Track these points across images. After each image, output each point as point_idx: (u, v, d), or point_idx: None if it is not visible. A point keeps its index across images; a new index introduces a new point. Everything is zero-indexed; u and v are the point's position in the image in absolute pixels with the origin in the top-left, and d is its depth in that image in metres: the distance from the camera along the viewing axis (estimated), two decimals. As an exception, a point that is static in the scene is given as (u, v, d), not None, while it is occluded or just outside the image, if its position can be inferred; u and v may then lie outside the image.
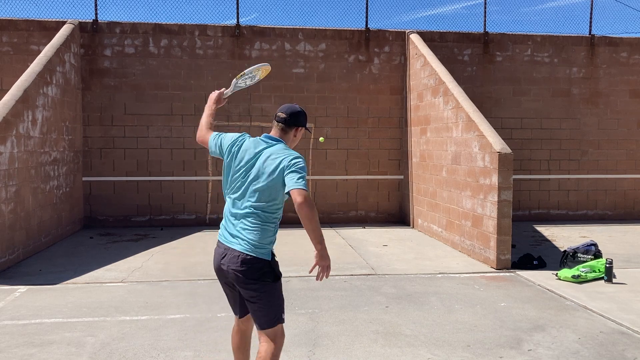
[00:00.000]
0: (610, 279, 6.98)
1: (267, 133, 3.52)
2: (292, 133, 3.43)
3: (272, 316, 3.26)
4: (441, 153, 9.86)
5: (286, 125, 3.40)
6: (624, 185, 12.80)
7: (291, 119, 3.39)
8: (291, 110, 3.41)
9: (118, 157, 11.37)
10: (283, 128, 3.40)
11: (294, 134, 3.45)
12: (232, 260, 3.23)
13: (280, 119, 3.39)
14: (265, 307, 3.24)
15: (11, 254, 7.77)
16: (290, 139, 3.45)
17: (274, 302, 3.26)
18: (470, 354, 4.66)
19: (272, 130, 3.47)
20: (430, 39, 11.97)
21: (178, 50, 11.47)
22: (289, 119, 3.38)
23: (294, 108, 3.43)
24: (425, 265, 8.02)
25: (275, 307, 3.27)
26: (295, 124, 3.42)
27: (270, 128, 3.60)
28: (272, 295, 3.25)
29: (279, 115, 3.41)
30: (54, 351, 4.69)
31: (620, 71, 12.69)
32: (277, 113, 3.44)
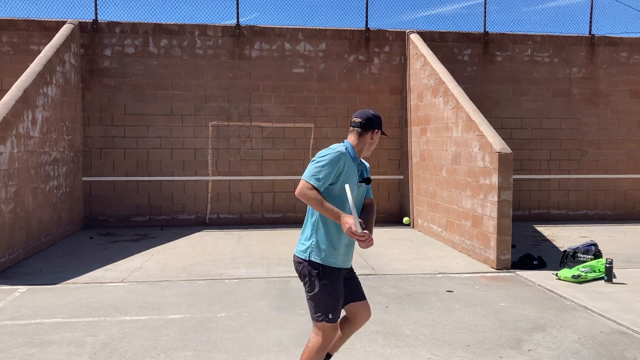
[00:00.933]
0: (610, 279, 6.98)
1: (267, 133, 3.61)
2: (368, 137, 3.51)
3: (313, 312, 3.44)
4: (441, 153, 9.85)
5: (362, 129, 3.49)
6: (624, 185, 12.80)
7: (367, 123, 3.49)
8: (365, 114, 3.52)
9: (118, 157, 11.37)
10: (360, 132, 3.50)
11: (371, 137, 3.52)
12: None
13: (355, 123, 3.51)
14: (309, 301, 3.46)
15: (11, 254, 7.77)
16: (367, 142, 3.53)
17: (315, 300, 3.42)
18: (470, 354, 4.66)
19: (349, 136, 3.55)
20: (430, 38, 11.97)
21: (178, 50, 11.46)
22: (365, 122, 3.49)
23: (368, 112, 3.55)
24: (425, 265, 8.02)
25: (315, 305, 3.43)
26: (371, 127, 3.51)
27: (269, 128, 3.68)
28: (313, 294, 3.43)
29: (354, 121, 3.53)
30: (53, 351, 4.69)
31: (620, 71, 12.69)
32: (352, 119, 3.55)
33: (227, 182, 11.69)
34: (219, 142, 11.63)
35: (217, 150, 11.63)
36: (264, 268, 7.75)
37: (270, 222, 11.75)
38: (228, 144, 11.64)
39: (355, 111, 11.81)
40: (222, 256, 8.53)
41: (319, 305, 3.40)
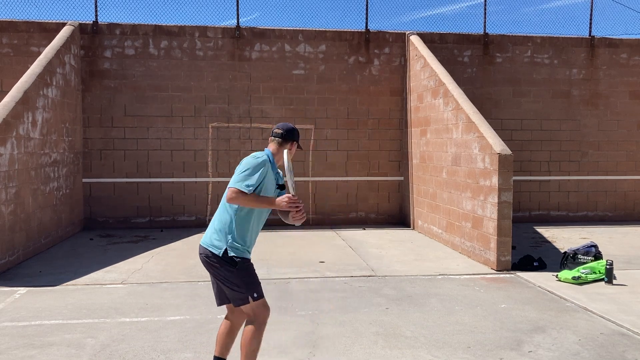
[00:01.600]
0: (610, 280, 6.98)
1: (267, 134, 3.75)
2: (287, 147, 3.83)
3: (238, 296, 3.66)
4: (441, 154, 9.85)
5: (283, 140, 3.83)
6: (624, 187, 12.80)
7: (287, 134, 3.83)
8: (286, 127, 3.87)
9: (118, 158, 11.37)
10: (280, 142, 3.83)
11: (289, 147, 3.85)
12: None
13: (276, 134, 3.84)
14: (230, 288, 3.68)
15: (11, 255, 7.76)
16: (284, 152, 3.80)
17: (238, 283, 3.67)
18: (470, 355, 4.66)
19: (269, 144, 3.87)
20: (430, 40, 11.97)
21: (178, 51, 11.47)
22: (285, 134, 3.83)
23: (289, 125, 3.89)
24: (425, 266, 8.01)
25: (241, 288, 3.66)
26: (291, 139, 3.86)
27: (269, 129, 3.82)
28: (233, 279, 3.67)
29: (275, 132, 3.86)
30: (53, 353, 4.68)
31: (620, 72, 12.69)
32: (274, 129, 3.87)
33: (227, 184, 11.64)
34: (219, 144, 11.63)
35: (217, 151, 11.63)
36: (263, 269, 7.74)
37: (269, 223, 11.63)
38: (228, 146, 11.64)
39: (355, 112, 11.93)
40: (222, 258, 8.51)
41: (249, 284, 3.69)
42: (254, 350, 3.65)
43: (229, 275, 3.65)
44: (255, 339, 3.64)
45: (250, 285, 3.66)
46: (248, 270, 3.70)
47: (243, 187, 3.55)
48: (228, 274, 3.66)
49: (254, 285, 3.68)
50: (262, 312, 3.67)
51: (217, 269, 3.70)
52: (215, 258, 3.70)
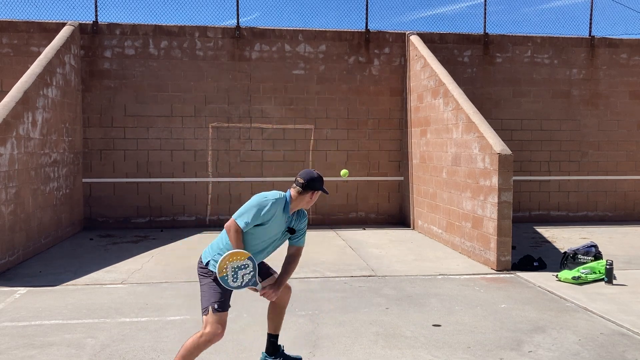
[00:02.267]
0: (610, 280, 6.98)
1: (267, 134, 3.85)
2: (307, 195, 3.91)
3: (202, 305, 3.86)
4: (441, 154, 9.86)
5: (302, 189, 3.88)
6: (624, 187, 12.80)
7: (308, 185, 3.88)
8: (309, 176, 3.90)
9: (118, 158, 11.37)
10: (300, 191, 3.89)
11: (310, 196, 3.92)
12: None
13: (298, 183, 3.89)
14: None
15: (11, 255, 7.76)
16: (306, 200, 3.92)
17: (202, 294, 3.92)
18: (470, 355, 4.66)
19: (291, 189, 3.94)
20: (430, 40, 11.97)
21: (178, 51, 11.47)
22: (306, 184, 3.87)
23: (312, 174, 3.92)
24: (425, 266, 8.01)
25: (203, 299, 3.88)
26: (311, 189, 3.90)
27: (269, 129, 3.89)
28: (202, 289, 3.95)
29: (297, 180, 3.91)
30: (53, 353, 4.68)
31: (620, 72, 12.69)
32: (296, 178, 3.92)
33: (227, 184, 11.69)
34: (219, 144, 11.63)
35: (217, 151, 11.63)
36: (264, 269, 7.74)
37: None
38: (228, 146, 11.64)
39: (355, 112, 11.93)
40: (222, 258, 8.51)
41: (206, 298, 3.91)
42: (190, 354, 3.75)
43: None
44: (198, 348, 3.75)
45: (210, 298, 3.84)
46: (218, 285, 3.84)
47: (242, 223, 3.73)
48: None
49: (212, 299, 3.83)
50: (214, 327, 3.74)
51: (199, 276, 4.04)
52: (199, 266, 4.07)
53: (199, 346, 3.70)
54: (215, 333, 3.70)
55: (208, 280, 3.90)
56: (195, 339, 3.71)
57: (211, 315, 3.73)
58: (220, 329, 3.72)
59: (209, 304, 3.77)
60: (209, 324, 3.71)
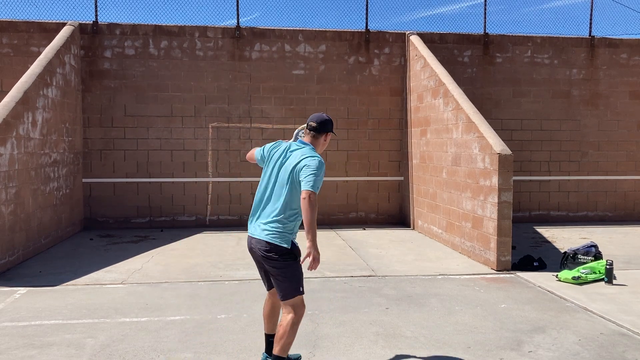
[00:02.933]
0: (610, 280, 6.98)
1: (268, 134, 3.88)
2: (322, 138, 4.06)
3: (291, 289, 3.89)
4: (441, 154, 9.86)
5: (317, 132, 4.02)
6: (624, 187, 12.80)
7: (320, 127, 4.02)
8: (320, 119, 4.04)
9: (118, 158, 11.37)
10: (314, 135, 4.03)
11: (324, 139, 4.07)
12: (259, 242, 3.93)
13: (311, 127, 4.02)
14: (286, 281, 3.88)
15: (11, 255, 7.76)
16: (321, 144, 4.07)
17: (293, 277, 3.90)
18: (470, 355, 4.66)
19: (305, 137, 4.09)
20: (430, 40, 11.97)
21: (178, 51, 11.47)
22: (319, 127, 4.01)
23: (322, 117, 4.06)
24: (425, 266, 8.01)
25: (294, 282, 3.90)
26: (325, 131, 4.05)
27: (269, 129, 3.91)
28: (291, 272, 3.90)
29: (310, 125, 4.03)
30: (53, 353, 4.68)
31: (620, 72, 12.69)
32: (308, 122, 4.05)
33: (227, 184, 11.69)
34: (219, 144, 11.63)
35: (217, 151, 11.63)
36: (264, 269, 7.74)
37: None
38: (228, 146, 11.64)
39: (355, 112, 11.93)
40: (222, 258, 8.52)
41: (300, 279, 3.94)
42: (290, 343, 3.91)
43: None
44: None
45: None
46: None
47: (317, 190, 3.76)
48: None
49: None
50: (302, 308, 3.94)
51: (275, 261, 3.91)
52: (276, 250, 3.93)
53: (295, 328, 3.88)
54: (303, 312, 3.94)
55: (289, 262, 3.90)
56: (289, 324, 3.84)
57: (299, 297, 3.90)
58: (304, 307, 3.96)
59: (299, 287, 3.90)
60: (297, 306, 3.88)
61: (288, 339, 3.85)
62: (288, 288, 3.87)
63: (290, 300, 3.87)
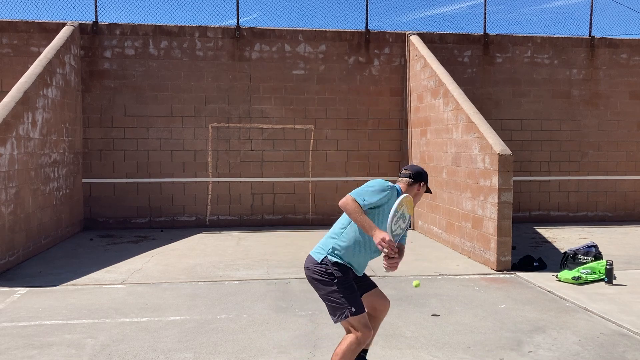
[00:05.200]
0: (610, 280, 6.97)
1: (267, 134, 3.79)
2: (415, 188, 3.89)
3: (334, 312, 3.67)
4: (441, 154, 9.86)
5: (413, 180, 3.88)
6: (624, 187, 12.80)
7: (416, 176, 3.89)
8: (416, 170, 3.93)
9: (118, 158, 11.37)
10: (410, 183, 3.88)
11: (417, 189, 3.90)
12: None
13: (405, 175, 3.91)
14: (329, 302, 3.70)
15: (11, 255, 7.76)
16: (414, 193, 3.90)
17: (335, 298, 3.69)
18: (470, 355, 4.66)
19: (399, 182, 3.93)
20: (430, 40, 11.97)
21: (178, 51, 11.47)
22: (414, 175, 3.89)
23: (418, 168, 3.95)
24: (425, 266, 8.01)
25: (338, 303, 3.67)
26: (420, 180, 3.90)
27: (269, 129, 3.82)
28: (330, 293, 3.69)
29: (403, 172, 3.93)
30: (53, 353, 4.68)
31: (620, 72, 12.69)
32: (402, 170, 3.95)
33: (227, 184, 11.69)
34: (219, 144, 11.63)
35: (217, 151, 11.63)
36: (264, 270, 7.74)
37: (270, 223, 11.75)
38: (228, 146, 11.64)
39: (355, 112, 11.95)
40: (222, 258, 8.52)
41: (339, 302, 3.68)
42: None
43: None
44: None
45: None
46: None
47: (358, 199, 3.55)
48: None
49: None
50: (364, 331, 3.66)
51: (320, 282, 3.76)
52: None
53: (351, 349, 3.63)
54: (368, 335, 3.66)
55: (331, 286, 3.69)
56: (347, 344, 3.62)
57: (354, 319, 3.62)
58: (368, 329, 3.67)
59: (346, 310, 3.63)
60: (356, 329, 3.64)
61: (343, 359, 3.63)
62: (332, 310, 3.68)
63: (343, 322, 3.67)
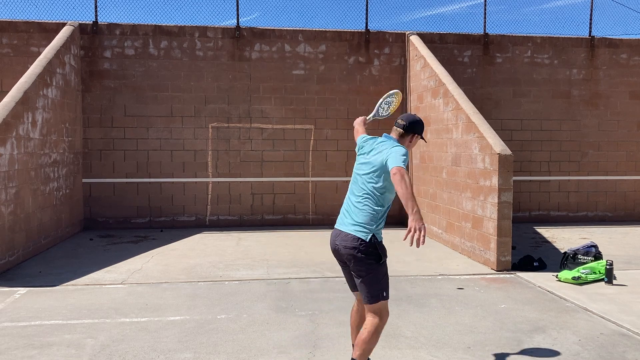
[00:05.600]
0: (610, 280, 6.97)
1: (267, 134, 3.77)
2: (407, 139, 3.87)
3: (374, 292, 3.68)
4: (441, 154, 9.85)
5: (404, 131, 3.85)
6: (624, 187, 12.80)
7: (409, 127, 3.85)
8: (411, 119, 3.87)
9: (118, 158, 11.37)
10: (401, 134, 3.86)
11: (410, 139, 3.88)
12: (344, 240, 3.74)
13: (399, 125, 3.87)
14: (370, 283, 3.69)
15: (11, 255, 7.76)
16: (406, 145, 3.87)
17: (378, 280, 3.69)
18: (470, 355, 4.66)
19: (392, 133, 3.91)
20: (430, 40, 11.97)
21: (178, 51, 11.47)
22: (408, 126, 3.84)
23: (414, 117, 3.89)
24: (425, 266, 8.01)
25: (379, 285, 3.70)
26: (412, 131, 3.87)
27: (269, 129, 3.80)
28: (375, 274, 3.69)
29: (398, 122, 3.89)
30: (53, 353, 4.68)
31: (620, 72, 12.69)
32: (397, 120, 3.91)
33: (227, 184, 11.69)
34: (219, 144, 11.63)
35: (217, 151, 11.63)
36: (264, 270, 7.74)
37: (270, 223, 11.75)
38: (228, 146, 11.64)
39: (355, 112, 11.93)
40: (222, 258, 8.52)
41: (384, 283, 3.73)
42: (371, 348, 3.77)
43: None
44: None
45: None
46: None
47: (404, 166, 3.52)
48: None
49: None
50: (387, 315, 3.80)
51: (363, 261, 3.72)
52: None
53: (378, 334, 3.72)
54: (387, 320, 3.78)
55: (378, 266, 3.70)
56: (371, 330, 3.68)
57: (383, 303, 3.72)
58: (388, 314, 3.81)
59: (384, 291, 3.72)
60: (383, 312, 3.72)
61: (370, 345, 3.69)
62: (371, 291, 3.68)
63: (375, 305, 3.70)
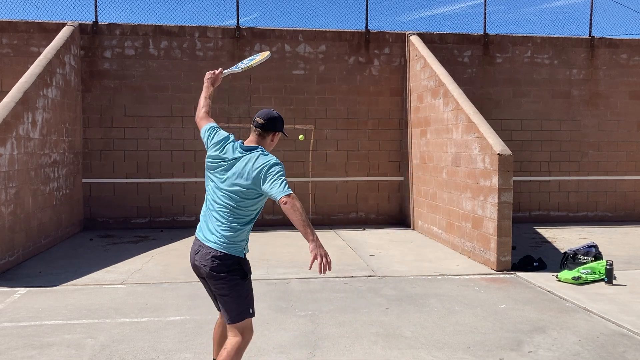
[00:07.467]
0: (610, 280, 6.97)
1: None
2: (269, 138, 3.51)
3: (239, 310, 3.40)
4: (441, 155, 9.85)
5: (263, 131, 3.48)
6: (624, 187, 12.80)
7: (268, 125, 3.48)
8: (269, 115, 3.50)
9: (118, 158, 11.36)
10: (260, 133, 3.48)
11: (271, 138, 3.53)
12: (204, 256, 3.38)
13: (257, 124, 3.48)
14: (234, 302, 3.38)
15: (11, 255, 7.76)
16: (267, 144, 3.52)
17: (242, 297, 3.40)
18: (470, 355, 4.66)
19: (250, 136, 3.55)
20: (430, 40, 11.97)
21: (178, 51, 11.47)
22: (267, 124, 3.47)
23: (271, 114, 3.52)
24: (425, 267, 8.01)
25: (244, 303, 3.41)
26: (273, 130, 3.51)
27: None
28: (240, 292, 3.39)
29: (256, 121, 3.49)
30: (53, 353, 4.68)
31: (620, 73, 12.69)
32: (255, 118, 3.51)
33: (227, 184, 11.66)
34: (219, 144, 11.60)
35: (217, 151, 11.61)
36: (263, 270, 7.74)
37: (270, 224, 11.74)
38: (228, 146, 11.62)
39: (355, 112, 11.93)
40: (222, 258, 8.51)
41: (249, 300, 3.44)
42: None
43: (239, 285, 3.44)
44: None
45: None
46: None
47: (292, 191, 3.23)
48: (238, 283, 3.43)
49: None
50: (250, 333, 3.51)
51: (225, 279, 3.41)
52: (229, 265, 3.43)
53: (241, 354, 3.42)
54: (251, 338, 3.49)
55: (244, 282, 3.41)
56: (231, 351, 3.35)
57: (248, 320, 3.44)
58: (252, 332, 3.52)
59: (249, 309, 3.43)
60: (246, 330, 3.43)
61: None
62: (235, 310, 3.37)
63: (238, 324, 3.39)
